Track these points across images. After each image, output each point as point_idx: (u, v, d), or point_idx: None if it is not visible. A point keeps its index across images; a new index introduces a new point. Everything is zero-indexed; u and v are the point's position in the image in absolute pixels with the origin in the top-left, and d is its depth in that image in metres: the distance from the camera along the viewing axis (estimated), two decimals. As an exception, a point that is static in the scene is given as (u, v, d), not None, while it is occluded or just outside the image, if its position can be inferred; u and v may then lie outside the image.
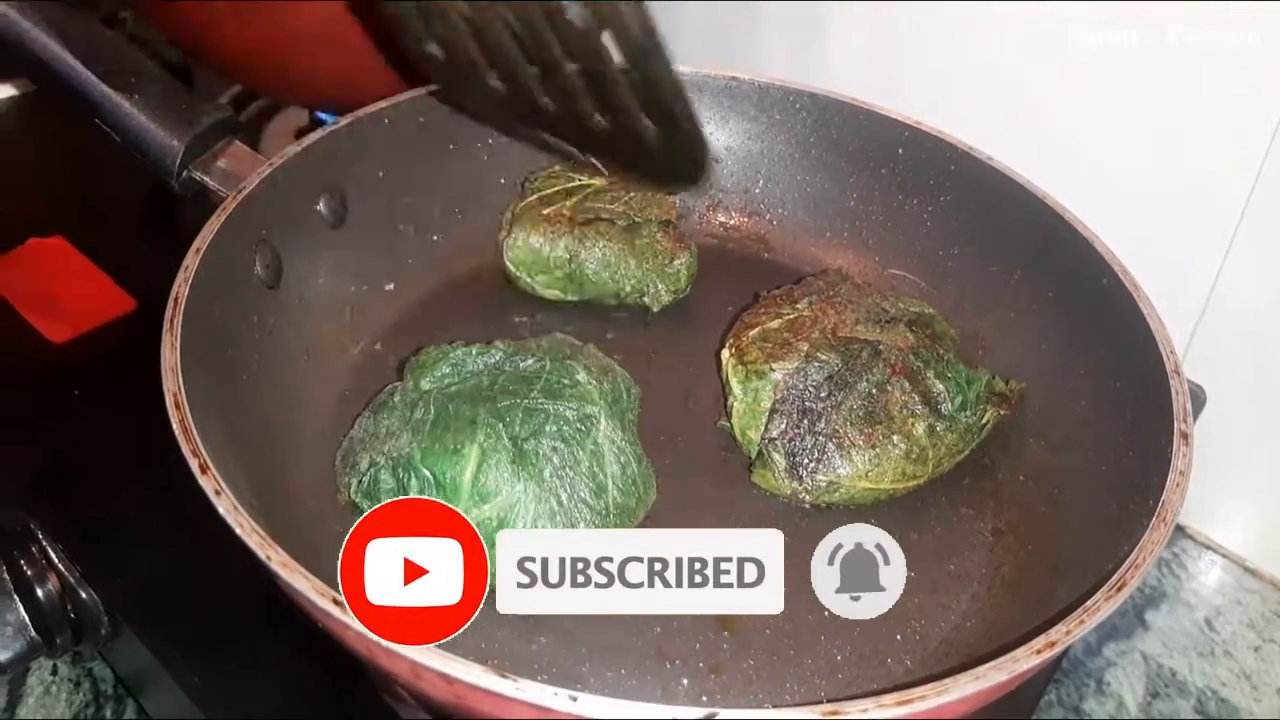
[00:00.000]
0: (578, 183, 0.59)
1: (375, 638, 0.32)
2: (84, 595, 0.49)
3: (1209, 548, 0.67)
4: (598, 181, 0.60)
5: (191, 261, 0.45)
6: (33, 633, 0.49)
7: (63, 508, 0.52)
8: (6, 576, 0.50)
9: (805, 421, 0.47)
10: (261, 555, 0.34)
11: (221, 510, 0.35)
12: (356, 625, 0.32)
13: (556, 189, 0.59)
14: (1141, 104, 0.61)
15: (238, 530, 0.35)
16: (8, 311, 0.63)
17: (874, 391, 0.48)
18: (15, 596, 0.49)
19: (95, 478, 0.54)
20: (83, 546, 0.50)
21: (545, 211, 0.58)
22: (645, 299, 0.58)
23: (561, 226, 0.57)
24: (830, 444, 0.47)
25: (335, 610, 0.32)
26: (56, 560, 0.50)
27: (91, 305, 0.64)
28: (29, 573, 0.49)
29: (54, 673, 0.57)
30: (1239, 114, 0.57)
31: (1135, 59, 0.61)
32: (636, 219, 0.58)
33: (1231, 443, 0.59)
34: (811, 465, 0.47)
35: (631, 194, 0.59)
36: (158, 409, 0.39)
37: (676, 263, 0.58)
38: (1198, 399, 0.58)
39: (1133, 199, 0.62)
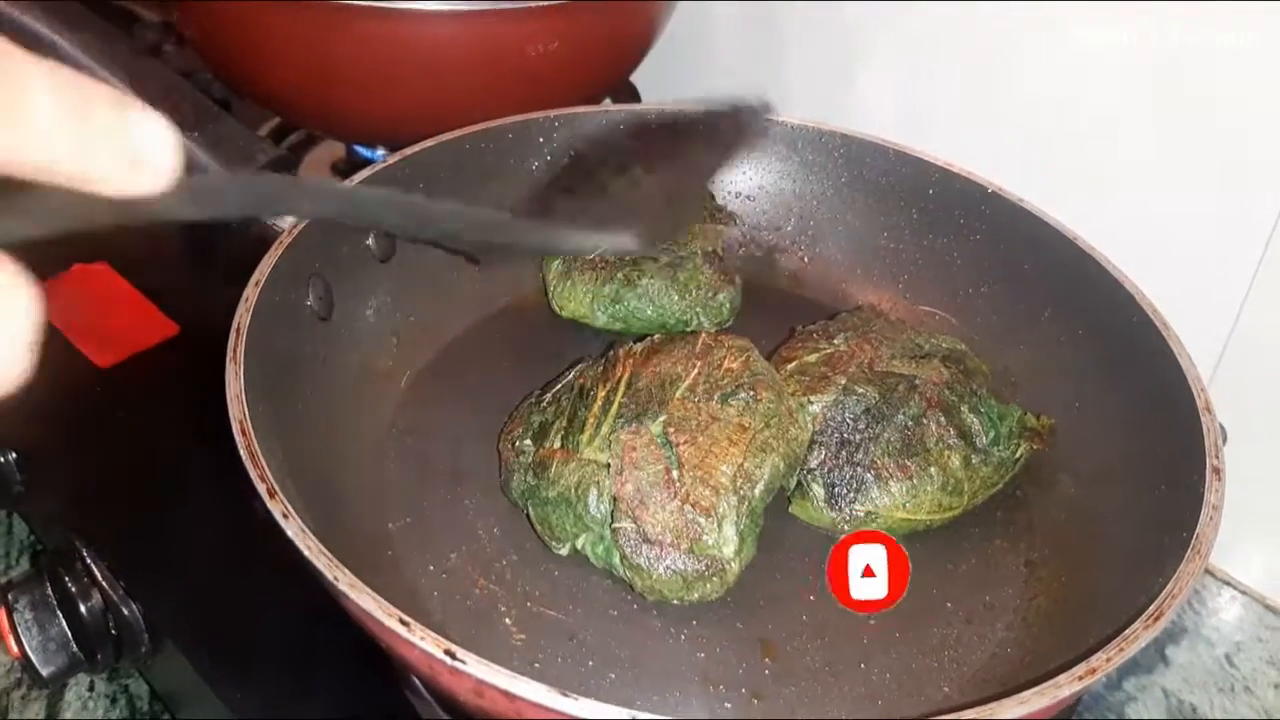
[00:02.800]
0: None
1: (441, 655, 0.33)
2: (126, 612, 0.50)
3: (1229, 584, 0.67)
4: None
5: (251, 294, 0.47)
6: (75, 648, 0.51)
7: (107, 525, 0.53)
8: (51, 593, 0.51)
9: (844, 453, 0.48)
10: (329, 576, 0.35)
11: (290, 533, 0.36)
12: (421, 644, 0.33)
13: None
14: (1165, 148, 0.63)
15: (305, 552, 0.36)
16: (55, 335, 0.65)
17: (910, 424, 0.49)
18: (59, 612, 0.51)
19: (139, 497, 0.55)
20: (126, 563, 0.51)
21: (590, 257, 0.59)
22: (689, 330, 0.59)
23: (606, 271, 0.58)
24: (869, 475, 0.48)
25: (401, 629, 0.33)
26: (100, 577, 0.51)
27: (135, 330, 0.65)
28: (73, 589, 0.51)
29: (90, 688, 0.58)
30: (1263, 156, 0.59)
31: (1156, 106, 0.63)
32: (681, 253, 0.59)
33: (1252, 480, 0.60)
34: (850, 496, 0.48)
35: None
36: (200, 430, 0.40)
37: (720, 296, 0.59)
38: (1221, 437, 0.59)
39: (1155, 238, 0.63)
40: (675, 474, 0.45)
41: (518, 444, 0.49)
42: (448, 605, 0.45)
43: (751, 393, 0.47)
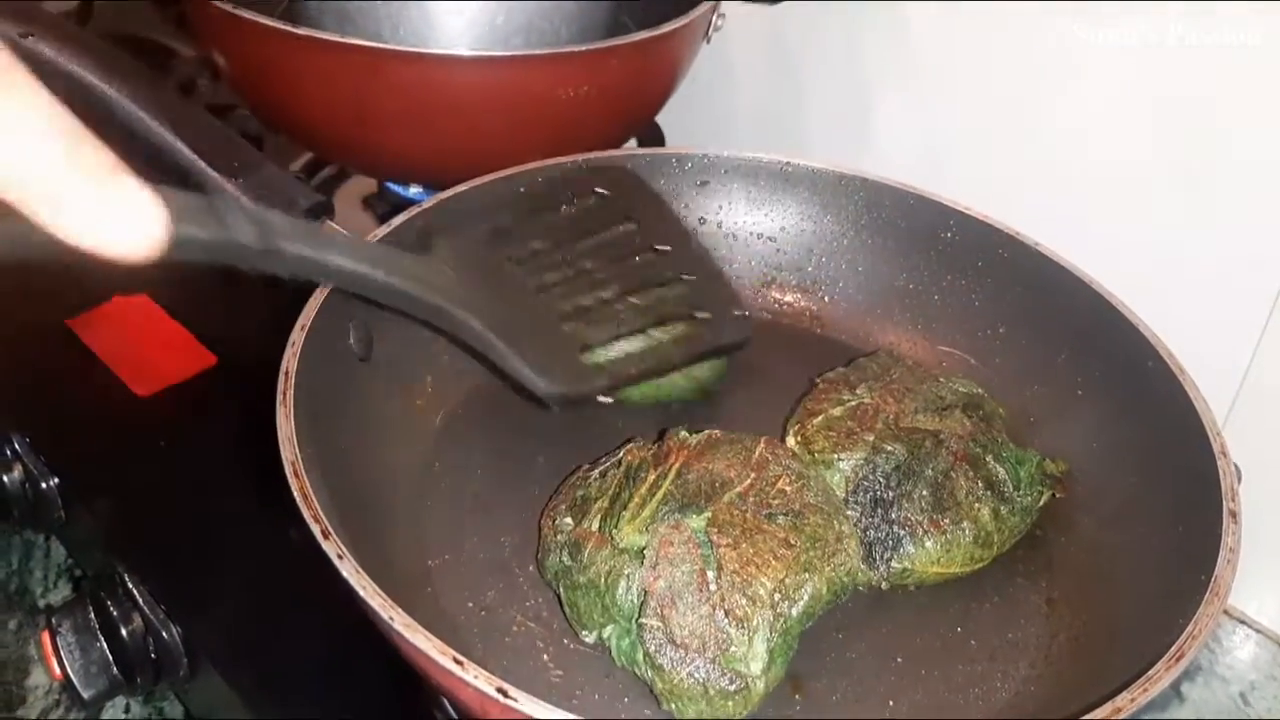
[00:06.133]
0: None
1: (493, 692, 0.34)
2: (166, 636, 0.51)
3: (1244, 622, 0.68)
4: None
5: (298, 338, 0.48)
6: (115, 671, 0.52)
7: (147, 551, 0.55)
8: (93, 616, 0.53)
9: (879, 511, 0.50)
10: (385, 616, 0.36)
11: (345, 573, 0.38)
12: (475, 682, 0.35)
13: None
14: (1179, 190, 0.65)
15: (361, 592, 0.37)
16: (96, 365, 0.66)
17: (940, 479, 0.50)
18: (100, 636, 0.52)
19: (178, 523, 0.57)
20: (165, 588, 0.52)
21: None
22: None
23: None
24: (903, 532, 0.49)
25: (455, 668, 0.35)
26: (141, 601, 0.52)
27: (174, 360, 0.67)
28: (114, 613, 0.52)
29: (126, 710, 0.59)
30: (1276, 202, 0.61)
31: (1171, 149, 0.65)
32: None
33: (1267, 520, 0.61)
34: (887, 554, 0.49)
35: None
36: (238, 458, 0.41)
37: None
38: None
39: (1171, 279, 0.65)
40: (711, 576, 0.43)
41: (558, 521, 0.48)
42: (488, 642, 0.47)
43: (800, 517, 0.46)
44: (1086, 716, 0.37)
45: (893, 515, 0.49)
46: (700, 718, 0.43)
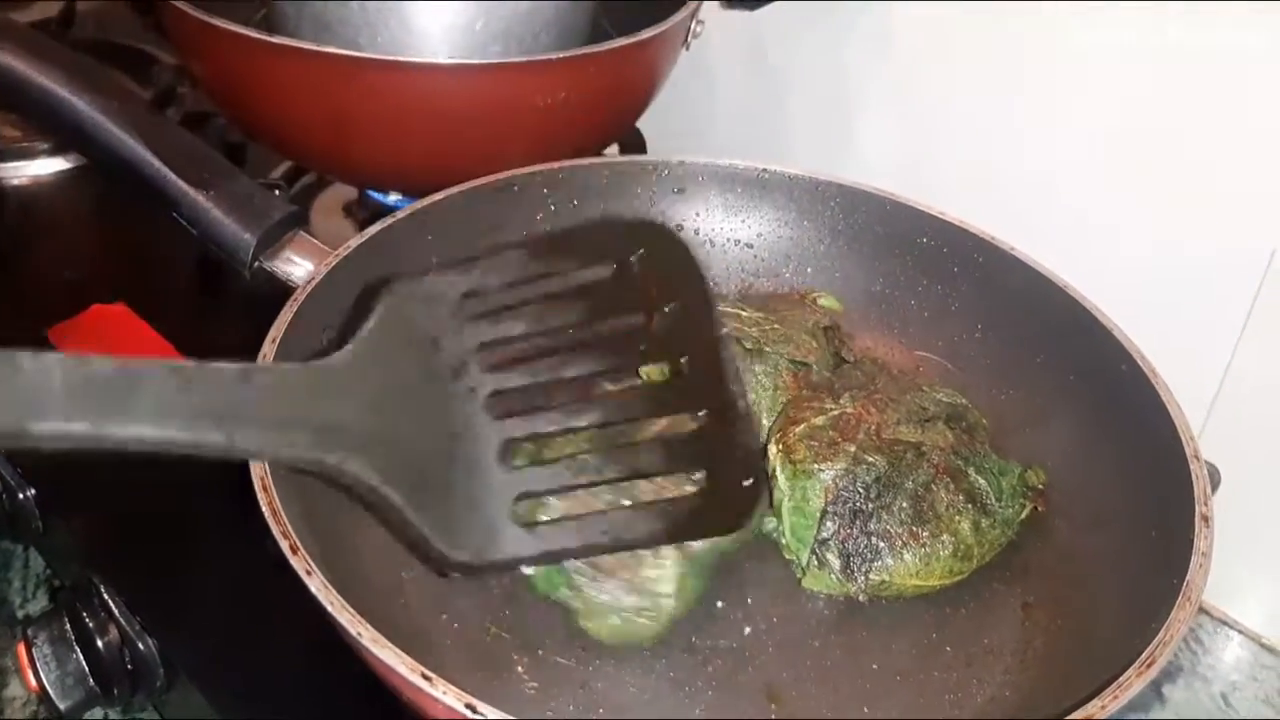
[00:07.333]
0: (732, 311, 0.58)
1: (461, 709, 0.34)
2: (142, 647, 0.51)
3: (1225, 623, 0.68)
4: (747, 311, 0.59)
5: (269, 350, 0.48)
6: (92, 683, 0.52)
7: (124, 562, 0.55)
8: (69, 628, 0.53)
9: (858, 523, 0.50)
10: (353, 632, 0.36)
11: (313, 589, 0.37)
12: (444, 698, 0.34)
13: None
14: (1154, 196, 0.65)
15: (329, 608, 0.37)
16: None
17: (920, 491, 0.50)
18: (77, 647, 0.52)
19: (155, 534, 0.57)
20: (142, 600, 0.52)
21: None
22: None
23: None
24: (882, 544, 0.49)
25: (424, 684, 0.35)
26: (117, 613, 0.52)
27: (151, 371, 0.67)
28: (90, 625, 0.52)
29: (103, 720, 0.59)
30: (1252, 200, 0.61)
31: (1148, 154, 0.65)
32: (765, 346, 0.56)
33: (1247, 520, 0.61)
34: (865, 566, 0.49)
35: (775, 325, 0.58)
36: (214, 469, 0.41)
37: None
38: (1213, 478, 0.60)
39: (1150, 283, 0.65)
40: None
41: None
42: (461, 654, 0.46)
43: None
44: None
45: (871, 527, 0.49)
46: (615, 639, 0.46)
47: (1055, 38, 0.67)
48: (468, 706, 0.34)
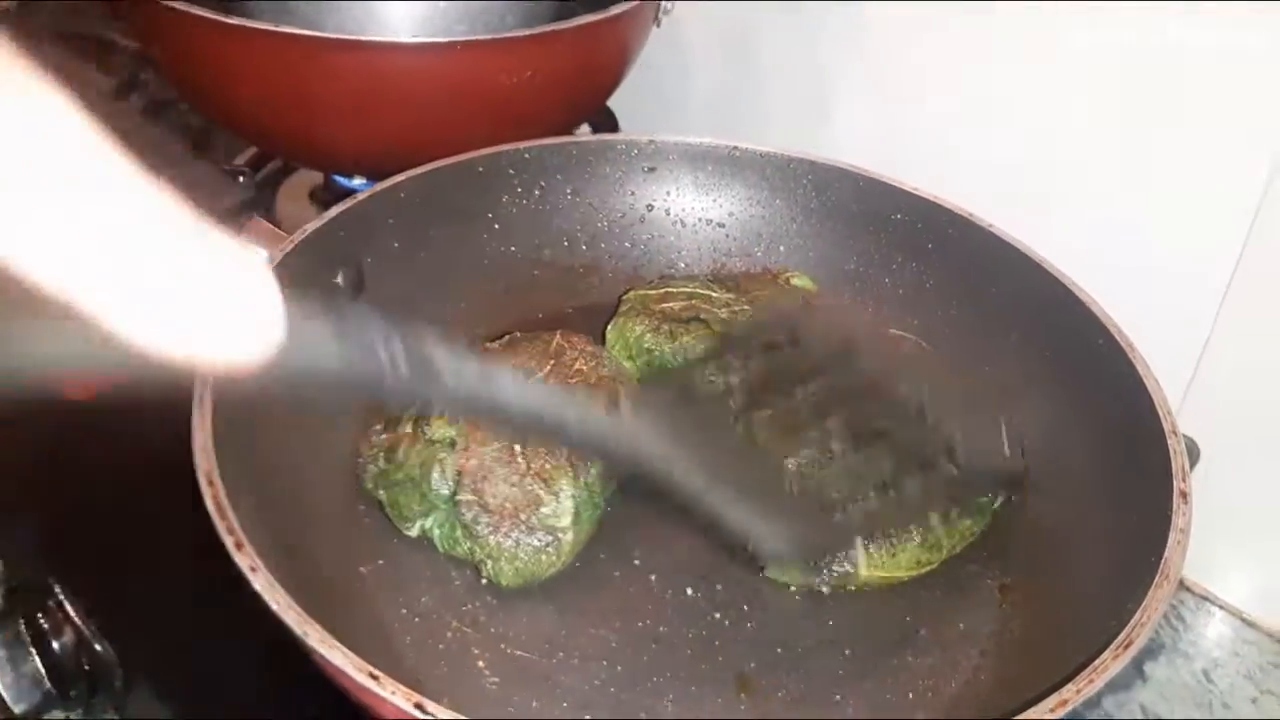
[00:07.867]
0: (703, 292, 0.60)
1: (410, 709, 0.33)
2: (99, 649, 0.50)
3: (1207, 599, 0.68)
4: (719, 293, 0.60)
5: (219, 337, 0.46)
6: (48, 685, 0.50)
7: (80, 563, 0.53)
8: (24, 630, 0.51)
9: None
10: (299, 631, 0.35)
11: (258, 586, 0.36)
12: (391, 697, 0.33)
13: (682, 290, 0.60)
14: (1134, 169, 0.64)
15: (274, 607, 0.36)
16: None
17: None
18: (32, 650, 0.51)
19: (112, 535, 0.55)
20: (99, 601, 0.51)
21: (657, 306, 0.59)
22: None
23: (662, 323, 0.58)
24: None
25: (371, 683, 0.33)
26: (73, 614, 0.51)
27: (109, 366, 0.65)
28: (46, 626, 0.51)
29: (65, 723, 0.58)
30: (1229, 179, 0.60)
31: (1124, 128, 0.64)
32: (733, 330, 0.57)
33: (1228, 495, 0.61)
34: (828, 558, 0.48)
35: (745, 306, 0.59)
36: (173, 467, 0.40)
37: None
38: (1193, 453, 0.59)
39: (1129, 256, 0.64)
40: (518, 449, 0.48)
41: (373, 438, 0.51)
42: (421, 650, 0.45)
43: (597, 388, 0.51)
44: (1031, 711, 0.36)
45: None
46: (519, 579, 0.47)
47: (1035, 14, 0.66)
48: (416, 706, 0.33)
